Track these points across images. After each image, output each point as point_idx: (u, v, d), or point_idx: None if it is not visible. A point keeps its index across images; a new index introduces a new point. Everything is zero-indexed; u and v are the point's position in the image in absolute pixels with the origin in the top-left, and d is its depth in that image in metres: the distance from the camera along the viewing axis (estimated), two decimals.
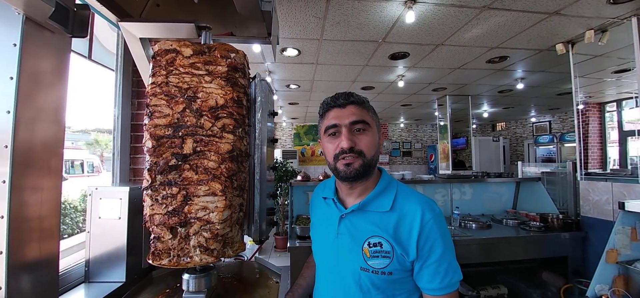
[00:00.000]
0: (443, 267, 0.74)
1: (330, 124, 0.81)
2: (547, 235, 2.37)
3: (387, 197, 0.82)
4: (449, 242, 0.77)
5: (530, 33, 2.53)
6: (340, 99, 0.82)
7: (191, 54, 0.91)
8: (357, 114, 0.80)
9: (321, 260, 0.91)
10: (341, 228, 0.84)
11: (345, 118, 0.80)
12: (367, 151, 0.79)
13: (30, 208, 0.75)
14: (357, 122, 0.79)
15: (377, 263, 0.76)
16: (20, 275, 0.71)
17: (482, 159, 7.12)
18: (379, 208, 0.81)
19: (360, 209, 0.82)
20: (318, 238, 0.93)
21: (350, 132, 0.79)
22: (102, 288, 1.13)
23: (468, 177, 3.20)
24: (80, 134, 18.71)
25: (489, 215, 2.95)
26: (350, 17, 2.24)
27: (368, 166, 0.79)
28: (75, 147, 15.17)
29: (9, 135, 0.69)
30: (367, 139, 0.80)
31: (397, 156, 9.92)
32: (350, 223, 0.83)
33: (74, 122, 15.65)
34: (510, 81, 4.25)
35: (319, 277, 0.92)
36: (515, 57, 3.22)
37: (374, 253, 0.76)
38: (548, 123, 7.48)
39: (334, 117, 0.81)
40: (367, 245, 0.77)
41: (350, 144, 0.77)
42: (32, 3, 0.66)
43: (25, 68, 0.71)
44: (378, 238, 0.77)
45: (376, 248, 0.76)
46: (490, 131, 9.70)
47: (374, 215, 0.81)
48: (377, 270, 0.75)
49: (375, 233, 0.78)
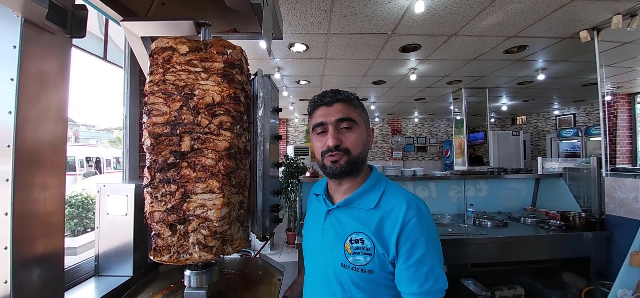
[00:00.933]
0: (423, 270, 0.69)
1: (317, 122, 0.82)
2: (568, 234, 2.25)
3: (374, 195, 0.81)
4: (434, 246, 0.73)
5: (550, 20, 2.38)
6: (327, 97, 0.82)
7: (187, 51, 0.91)
8: (343, 112, 0.80)
9: (307, 256, 0.92)
10: (327, 223, 0.84)
11: (331, 116, 0.80)
12: (353, 148, 0.79)
13: (34, 205, 0.77)
14: (343, 120, 0.80)
15: (357, 260, 0.74)
16: (25, 269, 0.74)
17: (501, 154, 6.87)
18: (364, 205, 0.80)
19: (345, 205, 0.82)
20: (307, 235, 0.95)
21: (336, 130, 0.79)
22: (110, 281, 1.17)
23: (483, 173, 3.08)
24: (104, 132, 19.57)
25: (506, 213, 2.83)
26: (357, 9, 2.19)
27: (354, 163, 0.80)
28: (100, 144, 15.93)
29: (10, 134, 0.71)
30: (353, 136, 0.80)
31: (411, 152, 9.74)
32: (335, 219, 0.83)
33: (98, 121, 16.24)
34: (531, 72, 4.04)
35: (306, 272, 0.93)
36: (535, 47, 3.05)
37: (354, 250, 0.75)
38: (572, 116, 7.09)
39: (320, 115, 0.82)
40: (349, 241, 0.76)
41: (336, 142, 0.78)
42: (27, 5, 0.67)
43: (26, 69, 0.73)
44: (360, 235, 0.76)
45: (357, 245, 0.75)
46: (509, 125, 9.33)
47: (358, 211, 0.80)
48: (357, 267, 0.74)
49: (358, 229, 0.77)
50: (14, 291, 0.71)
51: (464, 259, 2.17)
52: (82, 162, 9.23)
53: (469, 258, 2.19)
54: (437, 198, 2.95)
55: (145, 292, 1.14)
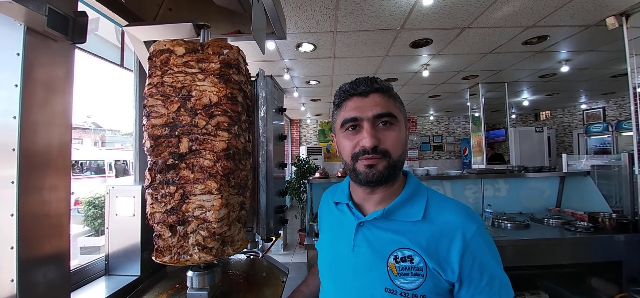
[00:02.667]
0: (495, 287, 0.61)
1: (349, 116, 0.67)
2: (597, 237, 2.09)
3: (418, 204, 0.69)
4: (498, 256, 0.64)
5: (573, 6, 2.23)
6: (361, 85, 0.68)
7: (184, 52, 0.91)
8: (382, 105, 0.66)
9: (329, 278, 0.76)
10: (359, 238, 0.70)
11: (367, 110, 0.66)
12: (393, 150, 0.66)
13: (40, 206, 0.80)
14: (383, 115, 0.65)
15: (406, 282, 0.62)
16: (31, 269, 0.76)
17: (524, 152, 6.55)
18: (408, 217, 0.67)
19: (384, 217, 0.69)
20: (326, 251, 0.79)
21: (373, 127, 0.66)
22: (120, 280, 1.20)
23: (503, 172, 2.94)
24: (129, 136, 20.44)
25: (528, 214, 2.69)
26: (363, 5, 2.15)
27: (394, 168, 0.67)
28: (124, 148, 16.72)
29: (15, 138, 0.73)
30: (394, 135, 0.66)
31: (427, 150, 9.50)
32: (371, 233, 0.69)
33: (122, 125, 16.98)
34: (553, 64, 3.82)
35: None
36: (556, 36, 2.87)
37: (402, 270, 0.62)
38: (601, 110, 6.65)
39: (353, 108, 0.68)
40: (394, 260, 0.64)
41: (374, 142, 0.64)
42: (28, 14, 0.69)
43: (29, 75, 0.76)
44: (408, 252, 0.63)
45: (405, 263, 0.63)
46: (532, 121, 8.88)
47: (401, 224, 0.67)
48: (407, 292, 0.61)
49: (404, 245, 0.64)
50: (20, 290, 0.74)
51: None
52: (110, 165, 9.72)
53: None
54: (453, 199, 2.84)
55: (151, 291, 1.16)
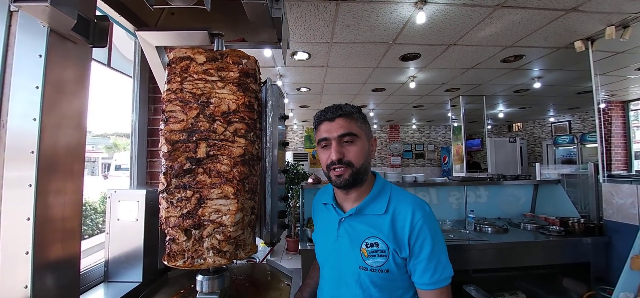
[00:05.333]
0: (433, 263, 0.79)
1: (322, 137, 0.88)
2: (568, 240, 2.27)
3: (382, 201, 0.88)
4: (439, 240, 0.83)
5: (546, 31, 2.46)
6: (329, 112, 0.88)
7: (204, 60, 0.94)
8: (345, 127, 0.85)
9: (324, 262, 0.97)
10: (341, 231, 0.90)
11: (333, 131, 0.85)
12: (355, 161, 0.85)
13: (54, 210, 0.78)
14: (345, 135, 0.85)
15: (374, 261, 0.82)
16: (44, 274, 0.75)
17: (498, 161, 6.94)
18: (375, 211, 0.87)
19: (357, 213, 0.89)
20: (320, 242, 1.00)
21: (339, 145, 0.85)
22: (120, 288, 1.17)
23: (483, 180, 3.12)
24: (100, 137, 19.48)
25: (506, 219, 2.86)
26: (360, 19, 2.25)
27: (357, 174, 0.85)
28: (95, 150, 15.87)
29: (35, 141, 0.73)
30: (356, 149, 0.85)
31: (410, 158, 9.80)
32: (349, 226, 0.89)
33: (94, 126, 16.25)
34: (527, 80, 4.14)
35: (322, 277, 0.98)
36: (531, 56, 3.13)
37: (371, 253, 0.83)
38: (568, 123, 7.21)
39: (324, 130, 0.88)
40: (365, 246, 0.84)
41: (339, 156, 0.84)
42: (56, 16, 0.70)
43: (50, 77, 0.75)
44: (374, 239, 0.83)
45: (373, 248, 0.83)
46: (506, 132, 9.44)
47: (370, 217, 0.87)
48: (375, 268, 0.82)
49: (372, 234, 0.84)
50: (34, 295, 0.72)
51: (466, 265, 2.19)
52: None
53: (471, 264, 2.20)
54: (438, 205, 2.97)
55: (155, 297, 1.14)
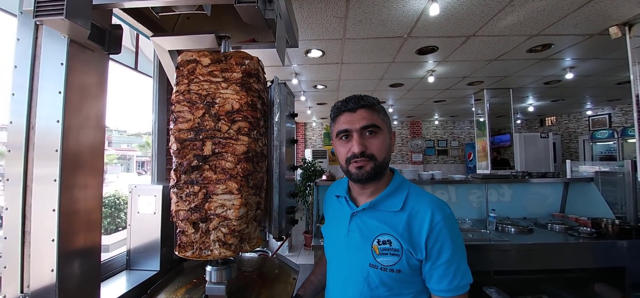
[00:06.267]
0: (452, 268, 0.74)
1: (342, 128, 0.84)
2: (600, 242, 2.12)
3: (398, 198, 0.83)
4: (459, 245, 0.77)
5: (576, 17, 2.28)
6: (350, 103, 0.84)
7: (209, 62, 0.98)
8: (367, 118, 0.82)
9: (332, 257, 0.94)
10: (352, 225, 0.86)
11: (356, 122, 0.82)
12: (378, 154, 0.81)
13: (77, 203, 0.87)
14: (368, 126, 0.81)
15: (385, 260, 0.77)
16: (68, 260, 0.83)
17: (529, 157, 6.53)
18: (390, 208, 0.82)
19: (371, 208, 0.85)
20: (330, 235, 0.97)
21: (361, 137, 0.81)
22: (140, 275, 1.27)
23: (507, 177, 2.97)
24: (134, 136, 20.71)
25: (532, 219, 2.71)
26: (372, 14, 2.22)
27: (379, 168, 0.82)
28: (130, 149, 16.91)
29: (58, 140, 0.81)
30: (378, 142, 0.82)
31: (432, 155, 9.51)
32: (361, 221, 0.85)
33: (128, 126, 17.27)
34: (557, 71, 3.85)
35: (330, 273, 0.95)
36: (560, 45, 2.91)
37: (383, 251, 0.78)
38: (607, 116, 6.63)
39: (345, 121, 0.84)
40: (377, 243, 0.79)
41: (362, 148, 0.80)
42: (73, 28, 0.77)
43: (71, 83, 0.83)
44: (387, 237, 0.79)
45: (385, 246, 0.78)
46: (537, 126, 8.87)
47: (384, 214, 0.82)
48: (386, 267, 0.77)
49: (385, 231, 0.79)
50: (59, 279, 0.80)
51: (486, 266, 2.11)
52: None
53: (491, 265, 2.12)
54: (457, 203, 2.88)
55: (170, 286, 1.22)
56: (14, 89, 0.81)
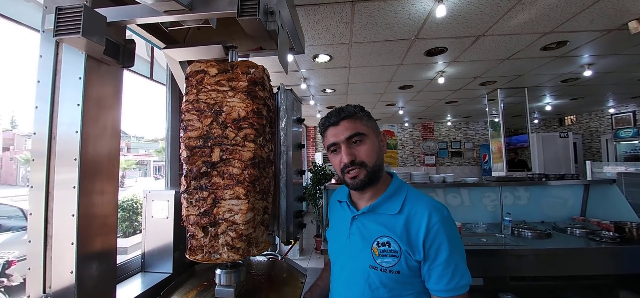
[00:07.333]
0: (450, 269, 0.75)
1: (330, 142, 0.89)
2: (625, 247, 2.02)
3: (397, 201, 0.86)
4: (457, 246, 0.78)
5: (591, 12, 2.20)
6: (332, 117, 0.88)
7: (216, 72, 1.02)
8: (350, 128, 0.85)
9: (335, 259, 0.97)
10: (353, 229, 0.90)
11: (340, 134, 0.86)
12: (367, 160, 0.84)
13: (94, 208, 0.92)
14: (352, 136, 0.85)
15: (385, 261, 0.80)
16: (86, 263, 0.88)
17: (547, 158, 6.31)
18: (388, 211, 0.85)
19: (370, 211, 0.88)
20: (333, 239, 1.01)
21: (348, 146, 0.85)
22: (154, 277, 1.32)
23: (522, 180, 2.88)
24: (152, 142, 21.38)
25: (550, 223, 2.61)
26: (378, 18, 2.22)
27: (372, 174, 0.85)
28: (147, 154, 17.47)
29: (77, 149, 0.86)
30: (365, 148, 0.85)
31: (445, 157, 9.32)
32: (361, 224, 0.89)
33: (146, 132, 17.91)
34: (575, 68, 3.71)
35: (333, 275, 0.98)
36: (577, 41, 2.82)
37: (382, 252, 0.81)
38: (632, 114, 6.31)
39: (331, 135, 0.88)
40: (376, 245, 0.82)
41: (351, 157, 0.84)
42: (90, 45, 0.82)
43: (88, 95, 0.89)
44: (386, 239, 0.81)
45: (384, 248, 0.81)
46: (556, 126, 8.54)
47: (383, 217, 0.85)
48: (386, 268, 0.79)
49: (384, 234, 0.82)
50: (78, 280, 0.85)
51: (501, 271, 2.05)
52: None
53: (507, 271, 2.06)
54: (470, 206, 2.81)
55: (182, 288, 1.26)
56: (37, 102, 0.87)
